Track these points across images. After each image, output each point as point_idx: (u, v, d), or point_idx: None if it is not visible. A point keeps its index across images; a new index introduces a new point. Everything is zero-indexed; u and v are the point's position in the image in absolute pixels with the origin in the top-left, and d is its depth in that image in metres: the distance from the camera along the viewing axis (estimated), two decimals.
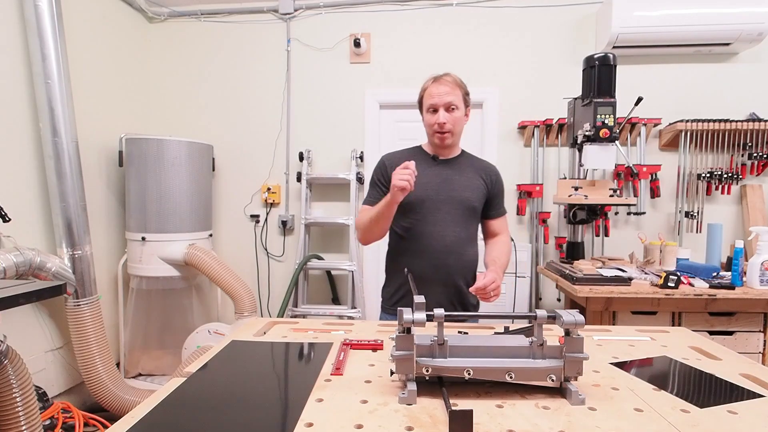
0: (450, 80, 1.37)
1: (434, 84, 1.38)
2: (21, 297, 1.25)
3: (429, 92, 1.39)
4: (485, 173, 1.48)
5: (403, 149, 1.53)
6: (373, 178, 1.48)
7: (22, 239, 2.06)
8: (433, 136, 1.41)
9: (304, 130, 2.99)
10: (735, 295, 1.85)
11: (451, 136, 1.40)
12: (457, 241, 1.39)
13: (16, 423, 1.39)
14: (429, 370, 0.78)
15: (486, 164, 1.52)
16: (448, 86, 1.36)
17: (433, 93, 1.37)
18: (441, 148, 1.45)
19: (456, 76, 1.40)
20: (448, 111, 1.37)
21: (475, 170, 1.47)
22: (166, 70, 3.06)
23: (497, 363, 0.79)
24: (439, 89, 1.36)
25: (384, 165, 1.47)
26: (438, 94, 1.36)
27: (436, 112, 1.37)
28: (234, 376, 0.88)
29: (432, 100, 1.37)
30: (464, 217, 1.42)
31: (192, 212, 2.61)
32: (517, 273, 2.49)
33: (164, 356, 2.73)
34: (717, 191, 2.63)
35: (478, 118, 2.83)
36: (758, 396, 0.79)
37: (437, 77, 1.39)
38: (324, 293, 3.04)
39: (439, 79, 1.38)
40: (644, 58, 2.65)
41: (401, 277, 1.42)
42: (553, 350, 0.79)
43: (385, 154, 1.51)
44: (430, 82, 1.40)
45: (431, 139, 1.44)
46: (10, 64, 2.09)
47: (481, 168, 1.49)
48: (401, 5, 2.84)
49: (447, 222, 1.39)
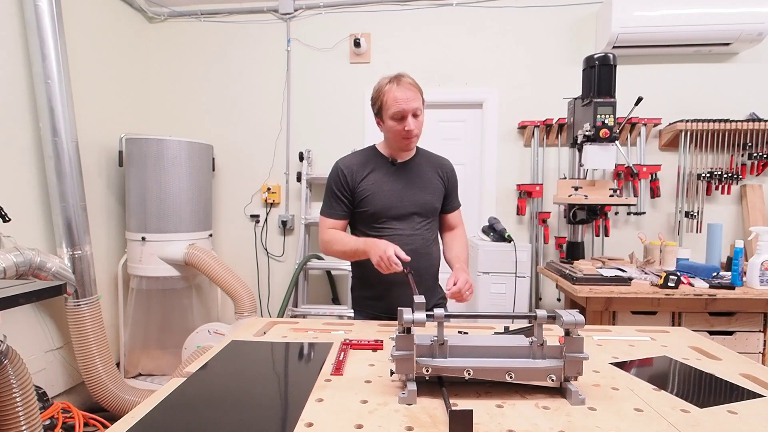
0: (412, 84, 1.31)
1: (398, 89, 1.29)
2: (21, 297, 1.25)
3: (393, 97, 1.29)
4: (441, 170, 1.46)
5: (357, 152, 1.47)
6: (331, 188, 1.40)
7: (22, 239, 2.06)
8: (399, 142, 1.36)
9: (304, 130, 2.99)
10: (735, 295, 1.85)
11: (416, 139, 1.38)
12: (423, 243, 1.39)
13: (16, 423, 1.39)
14: (429, 370, 0.78)
15: (440, 160, 1.50)
16: (411, 91, 1.30)
17: (399, 99, 1.29)
18: (404, 152, 1.41)
19: (411, 77, 1.34)
20: (415, 116, 1.32)
21: (432, 168, 1.45)
22: (166, 70, 3.06)
23: (497, 363, 0.79)
24: (405, 95, 1.28)
25: (342, 173, 1.39)
26: (405, 100, 1.28)
27: (403, 119, 1.30)
28: (234, 376, 0.88)
29: (398, 106, 1.29)
30: (427, 219, 1.42)
31: (192, 212, 2.61)
32: (517, 273, 2.49)
33: (164, 356, 2.73)
34: (717, 191, 2.63)
35: (478, 118, 2.83)
36: (758, 396, 0.79)
37: (397, 80, 1.30)
38: (324, 293, 3.04)
39: (401, 83, 1.30)
40: (644, 58, 2.65)
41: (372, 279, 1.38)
42: (553, 350, 0.79)
43: (339, 159, 1.43)
44: (391, 85, 1.31)
45: (396, 143, 1.37)
46: (10, 64, 2.09)
47: (437, 165, 1.47)
48: (401, 5, 2.84)
49: (413, 226, 1.38)
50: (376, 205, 1.36)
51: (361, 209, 1.38)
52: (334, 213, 1.40)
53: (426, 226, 1.41)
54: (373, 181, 1.38)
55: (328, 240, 1.38)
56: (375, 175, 1.39)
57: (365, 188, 1.37)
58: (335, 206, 1.40)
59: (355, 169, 1.38)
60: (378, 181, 1.38)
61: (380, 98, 1.33)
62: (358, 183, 1.38)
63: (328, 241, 1.38)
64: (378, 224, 1.38)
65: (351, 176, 1.38)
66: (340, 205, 1.40)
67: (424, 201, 1.40)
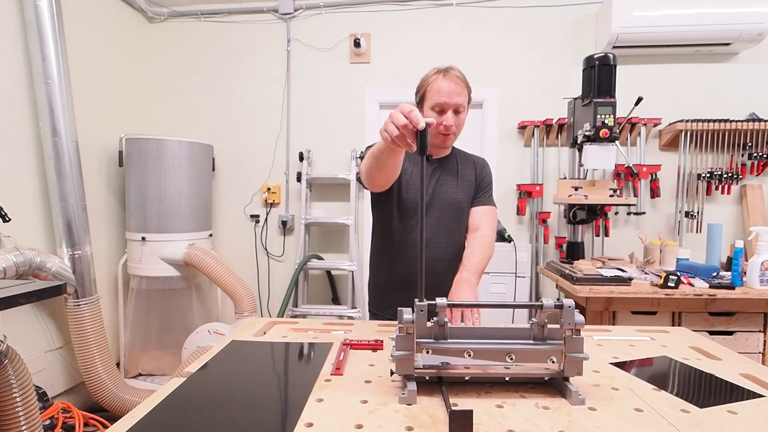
0: (459, 78, 1.25)
1: (444, 80, 1.23)
2: (21, 297, 1.25)
3: (437, 88, 1.23)
4: (476, 167, 1.40)
5: None
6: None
7: (22, 239, 2.06)
8: (435, 137, 1.29)
9: (304, 130, 2.99)
10: (735, 295, 1.85)
11: (454, 138, 1.31)
12: (447, 246, 1.33)
13: (16, 423, 1.39)
14: (429, 351, 0.78)
15: (475, 158, 1.44)
16: (458, 85, 1.23)
17: (443, 90, 1.22)
18: (439, 149, 1.35)
19: (461, 71, 1.28)
20: (456, 113, 1.25)
21: (466, 166, 1.39)
22: (166, 70, 3.06)
23: (498, 345, 0.78)
24: (450, 87, 1.22)
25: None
26: (448, 93, 1.22)
27: (443, 112, 1.24)
28: (234, 376, 0.88)
29: (441, 98, 1.23)
30: (455, 221, 1.35)
31: (192, 212, 2.61)
32: (517, 273, 2.50)
33: (164, 356, 2.73)
34: (717, 191, 2.63)
35: (478, 118, 2.83)
36: (758, 396, 0.79)
37: (445, 71, 1.25)
38: (324, 293, 3.04)
39: (449, 75, 1.24)
40: (644, 58, 2.65)
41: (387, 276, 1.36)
42: (553, 332, 0.79)
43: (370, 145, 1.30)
44: (437, 75, 1.25)
45: (432, 138, 1.29)
46: (10, 64, 2.09)
47: (471, 163, 1.41)
48: (401, 5, 2.84)
49: (439, 228, 1.32)
50: (403, 199, 1.30)
51: (388, 201, 1.32)
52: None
53: (453, 230, 1.34)
54: (405, 171, 1.30)
55: (362, 165, 1.21)
56: (408, 166, 1.31)
57: (403, 177, 1.29)
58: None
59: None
60: (410, 172, 1.31)
61: (424, 87, 1.28)
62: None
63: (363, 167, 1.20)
64: (406, 220, 1.32)
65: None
66: None
67: (453, 200, 1.33)
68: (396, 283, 1.36)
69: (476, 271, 1.21)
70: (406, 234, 1.33)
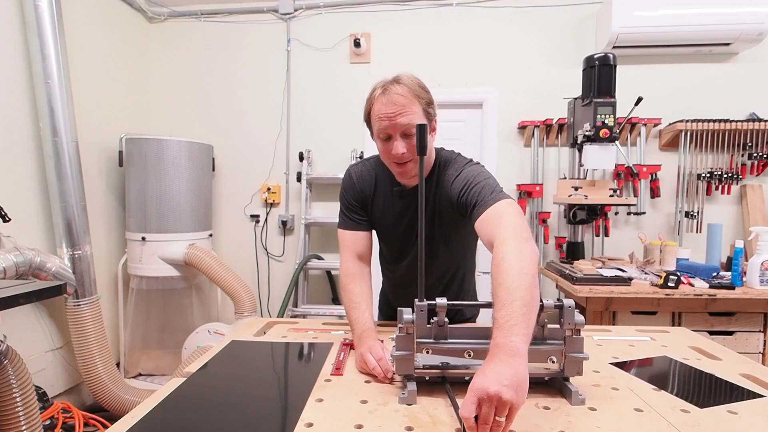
0: (403, 92, 0.97)
1: (383, 99, 0.98)
2: (21, 297, 1.25)
3: (377, 112, 0.99)
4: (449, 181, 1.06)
5: (369, 159, 1.21)
6: (344, 197, 1.18)
7: (22, 239, 2.06)
8: (392, 168, 1.06)
9: (304, 130, 2.99)
10: (735, 295, 1.85)
11: (415, 164, 1.01)
12: (442, 275, 1.20)
13: (16, 423, 1.39)
14: (429, 351, 0.78)
15: (454, 167, 1.08)
16: (400, 102, 0.96)
17: (382, 113, 0.97)
18: (407, 179, 1.09)
19: (412, 80, 1.00)
20: (407, 137, 0.99)
21: (441, 187, 1.09)
22: (166, 70, 3.05)
23: None
24: (389, 108, 0.96)
25: (352, 182, 1.18)
26: (388, 116, 0.97)
27: (389, 139, 1.00)
28: (234, 376, 0.88)
29: (381, 123, 0.98)
30: (448, 248, 1.16)
31: (192, 212, 2.61)
32: None
33: (164, 356, 2.73)
34: (717, 191, 2.62)
35: (478, 118, 2.83)
36: (758, 396, 0.79)
37: (384, 88, 0.98)
38: (324, 293, 3.04)
39: (388, 92, 0.97)
40: (644, 58, 2.64)
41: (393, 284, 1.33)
42: (553, 332, 0.79)
43: (351, 166, 1.21)
44: (376, 92, 1.00)
45: (391, 168, 1.08)
46: (10, 64, 2.09)
47: (448, 178, 1.08)
48: (401, 5, 2.84)
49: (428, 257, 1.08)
50: (380, 237, 1.22)
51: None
52: (350, 225, 1.16)
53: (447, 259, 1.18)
54: (378, 205, 1.17)
55: (343, 283, 1.12)
56: (379, 199, 1.16)
57: (372, 212, 1.17)
58: (350, 217, 1.17)
59: (364, 177, 1.17)
60: (382, 206, 1.16)
61: (366, 109, 1.04)
62: (370, 201, 1.17)
63: (343, 283, 1.13)
64: (392, 248, 1.22)
65: (360, 182, 1.17)
66: (353, 218, 1.16)
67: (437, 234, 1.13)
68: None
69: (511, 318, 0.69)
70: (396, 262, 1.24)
